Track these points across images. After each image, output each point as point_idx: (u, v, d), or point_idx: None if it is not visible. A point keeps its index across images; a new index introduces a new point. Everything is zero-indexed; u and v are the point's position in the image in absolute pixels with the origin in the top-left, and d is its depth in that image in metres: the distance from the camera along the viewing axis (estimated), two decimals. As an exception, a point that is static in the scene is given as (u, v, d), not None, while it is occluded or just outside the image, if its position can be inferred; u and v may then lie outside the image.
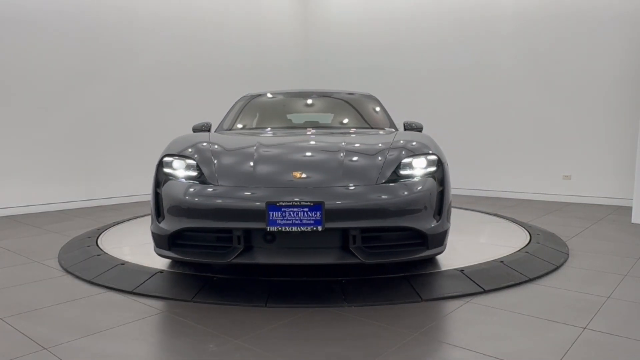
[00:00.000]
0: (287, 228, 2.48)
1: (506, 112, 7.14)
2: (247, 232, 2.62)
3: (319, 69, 9.11)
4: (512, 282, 2.88)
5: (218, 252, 2.65)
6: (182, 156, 2.95)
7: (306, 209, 2.48)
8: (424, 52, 7.87)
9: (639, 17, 6.06)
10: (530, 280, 2.96)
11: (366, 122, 4.13)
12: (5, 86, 5.52)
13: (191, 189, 2.72)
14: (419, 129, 4.03)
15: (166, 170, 2.91)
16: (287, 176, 2.71)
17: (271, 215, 2.49)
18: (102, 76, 6.37)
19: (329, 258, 2.58)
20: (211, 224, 2.62)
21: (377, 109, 4.32)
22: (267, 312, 2.47)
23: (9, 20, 5.49)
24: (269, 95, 4.62)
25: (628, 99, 6.18)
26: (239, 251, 2.58)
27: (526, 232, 4.18)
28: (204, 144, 3.10)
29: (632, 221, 5.08)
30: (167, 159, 2.96)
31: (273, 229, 2.49)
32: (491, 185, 7.28)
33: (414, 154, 2.88)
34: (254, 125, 4.17)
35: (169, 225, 2.71)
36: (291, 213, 2.48)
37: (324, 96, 4.52)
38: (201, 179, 2.79)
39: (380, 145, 3.02)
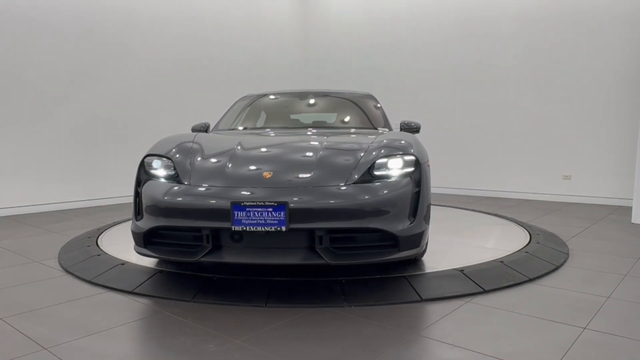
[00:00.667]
0: (251, 228, 2.51)
1: (506, 112, 7.14)
2: (216, 231, 2.65)
3: (319, 69, 9.11)
4: (512, 282, 2.88)
5: (188, 250, 2.69)
6: (161, 156, 3.02)
7: (270, 209, 2.50)
8: (424, 52, 7.87)
9: (639, 17, 6.06)
10: (530, 280, 2.96)
11: (360, 122, 4.12)
12: (5, 86, 5.52)
13: (163, 189, 2.79)
14: (416, 128, 4.01)
15: (147, 170, 2.99)
16: (257, 176, 2.74)
17: (236, 214, 2.51)
18: (102, 76, 6.37)
19: (294, 258, 2.57)
20: (180, 223, 2.67)
21: (373, 109, 4.28)
22: (267, 312, 2.47)
23: (9, 20, 5.49)
24: (266, 95, 4.63)
25: (628, 99, 6.18)
26: (207, 250, 2.62)
27: (526, 232, 4.18)
28: (186, 144, 3.15)
29: (632, 221, 5.08)
30: (147, 159, 3.04)
31: (238, 228, 2.52)
32: (491, 185, 7.28)
33: (391, 154, 2.83)
34: (247, 126, 4.20)
35: (145, 223, 2.79)
36: (255, 213, 2.50)
37: (322, 96, 4.52)
38: (177, 178, 2.85)
39: (359, 145, 3.00)
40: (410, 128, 4.00)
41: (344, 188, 2.63)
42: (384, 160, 2.79)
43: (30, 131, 5.72)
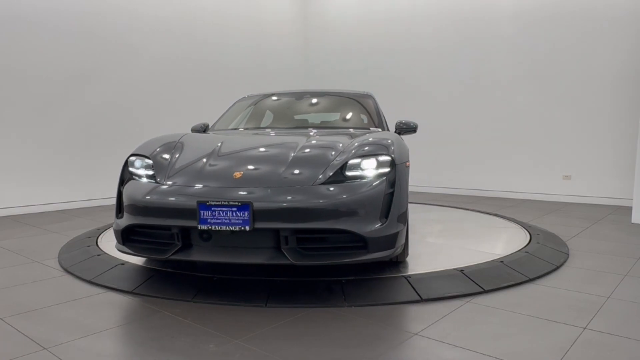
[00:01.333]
0: (216, 227, 2.53)
1: (506, 112, 7.14)
2: (186, 230, 2.68)
3: (319, 70, 9.11)
4: (512, 282, 2.88)
5: (161, 248, 2.74)
6: (143, 156, 3.08)
7: (234, 209, 2.52)
8: (424, 52, 7.87)
9: (638, 18, 6.06)
10: (530, 280, 2.96)
11: (353, 122, 4.11)
12: (5, 86, 5.52)
13: (139, 188, 2.86)
14: (413, 128, 3.98)
15: (130, 169, 3.06)
16: (228, 176, 2.76)
17: (202, 214, 2.55)
18: (102, 77, 6.37)
19: (260, 258, 2.58)
20: (152, 221, 2.73)
21: (368, 108, 4.24)
22: (267, 312, 2.47)
23: (8, 20, 5.49)
24: (264, 96, 4.67)
25: (628, 99, 6.18)
26: (177, 248, 2.67)
27: (526, 232, 4.18)
28: (169, 144, 3.22)
29: (632, 221, 5.08)
30: (131, 159, 3.11)
31: (204, 227, 2.55)
32: (491, 185, 7.28)
33: (365, 155, 2.80)
34: (241, 126, 4.24)
35: (123, 221, 2.87)
36: (220, 212, 2.53)
37: (319, 96, 4.51)
38: (155, 178, 2.92)
39: (336, 145, 2.99)
40: (407, 128, 3.96)
41: (311, 189, 2.63)
42: (356, 160, 2.77)
43: (30, 131, 5.72)
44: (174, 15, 7.13)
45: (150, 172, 2.96)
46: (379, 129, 3.87)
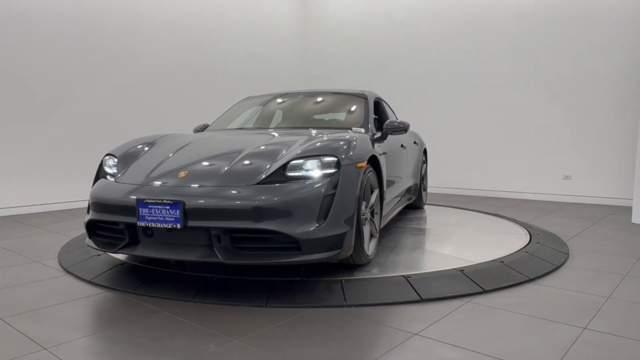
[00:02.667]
0: (152, 224, 2.63)
1: (506, 112, 7.14)
2: (133, 226, 2.76)
3: (319, 70, 9.11)
4: (512, 282, 2.88)
5: (114, 242, 2.88)
6: (113, 155, 3.28)
7: (167, 207, 2.59)
8: (424, 52, 7.87)
9: (639, 17, 6.06)
10: (530, 280, 2.96)
11: (335, 122, 4.08)
12: (5, 86, 5.52)
13: (98, 185, 3.06)
14: (402, 129, 3.84)
15: (104, 167, 3.25)
16: (173, 175, 2.86)
17: (140, 211, 2.65)
18: (102, 77, 6.37)
19: (193, 255, 2.61)
20: (104, 217, 2.89)
21: (356, 108, 4.15)
22: (267, 312, 2.47)
23: (8, 20, 5.49)
24: (262, 96, 4.73)
25: (628, 99, 6.18)
26: (125, 243, 2.79)
27: (526, 232, 4.18)
28: (140, 145, 3.40)
29: (632, 221, 5.08)
30: (105, 157, 3.31)
31: (142, 224, 2.65)
32: (491, 185, 7.29)
33: (309, 155, 2.77)
34: (233, 126, 4.30)
35: (87, 217, 3.06)
36: (156, 210, 2.62)
37: (311, 96, 4.49)
38: (115, 176, 3.10)
39: (290, 145, 2.99)
40: (395, 128, 3.83)
41: (244, 188, 2.63)
42: (299, 161, 2.74)
43: (30, 131, 5.72)
44: (174, 17, 7.13)
45: (115, 171, 3.14)
46: (362, 130, 3.73)
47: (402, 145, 4.34)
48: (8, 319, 2.38)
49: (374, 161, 3.20)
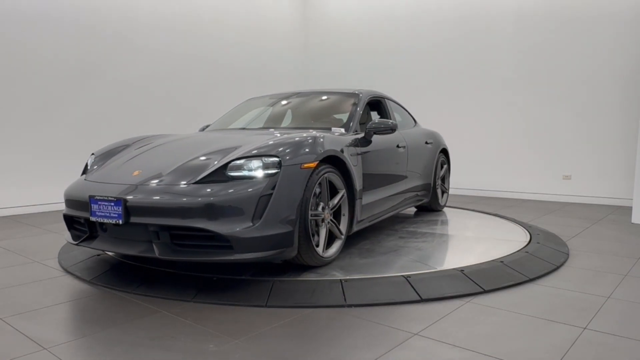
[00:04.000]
0: (101, 219, 2.78)
1: (506, 112, 7.14)
2: (91, 221, 2.90)
3: (319, 70, 9.11)
4: (512, 282, 2.88)
5: (78, 234, 3.09)
6: (93, 155, 3.54)
7: (112, 204, 2.74)
8: (423, 52, 7.87)
9: (639, 17, 6.06)
10: (530, 280, 2.96)
11: (318, 123, 4.05)
12: (5, 86, 5.52)
13: (72, 183, 3.28)
14: (385, 130, 3.71)
15: (87, 166, 3.47)
16: (128, 173, 3.00)
17: (92, 207, 2.82)
18: (102, 77, 6.37)
19: (134, 250, 2.73)
20: (70, 212, 3.09)
21: (342, 108, 4.13)
22: (267, 312, 2.47)
23: (8, 20, 5.49)
24: (261, 97, 4.75)
25: (628, 99, 6.18)
26: (85, 236, 2.99)
27: (526, 232, 4.18)
28: (121, 145, 3.61)
29: (632, 221, 5.08)
30: (90, 156, 3.55)
31: (94, 219, 2.82)
32: (491, 185, 7.28)
33: (251, 155, 2.79)
34: (226, 126, 4.34)
35: (63, 212, 3.24)
36: (103, 206, 2.78)
37: (305, 97, 4.47)
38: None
39: (242, 145, 3.02)
40: (380, 129, 3.71)
41: (181, 187, 2.69)
42: (240, 161, 2.76)
43: (30, 131, 5.72)
44: (173, 18, 7.13)
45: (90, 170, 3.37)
46: (342, 130, 3.68)
47: (398, 146, 4.21)
48: (8, 319, 2.38)
49: (337, 161, 3.16)
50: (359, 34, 8.57)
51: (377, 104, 4.44)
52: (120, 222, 2.68)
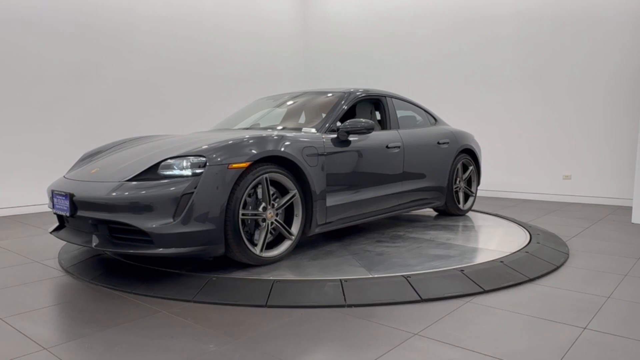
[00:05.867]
0: (58, 212, 3.12)
1: (506, 112, 7.14)
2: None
3: (320, 70, 9.11)
4: (512, 282, 2.88)
5: (56, 226, 3.34)
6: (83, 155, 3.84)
7: (63, 198, 3.02)
8: (424, 52, 7.87)
9: (639, 17, 6.06)
10: (530, 280, 2.96)
11: (300, 123, 4.06)
12: (5, 87, 5.52)
13: None
14: (358, 131, 3.61)
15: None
16: (88, 171, 3.26)
17: (53, 200, 3.14)
18: (102, 77, 6.37)
19: (79, 240, 2.99)
20: (48, 205, 3.32)
21: (323, 108, 4.09)
22: (267, 312, 2.47)
23: (7, 20, 5.49)
24: (267, 98, 4.75)
25: (628, 99, 6.18)
26: (55, 227, 3.31)
27: (526, 232, 4.18)
28: (113, 145, 3.84)
29: (632, 221, 5.08)
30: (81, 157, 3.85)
31: (54, 211, 3.20)
32: (491, 185, 7.28)
33: (181, 155, 2.90)
34: (224, 127, 4.38)
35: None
36: (58, 200, 3.08)
37: (299, 97, 4.46)
38: None
39: (183, 145, 3.12)
40: (353, 130, 3.62)
41: (114, 184, 2.88)
42: (171, 161, 2.88)
43: (30, 131, 5.72)
44: (173, 18, 7.12)
45: None
46: (313, 129, 3.64)
47: (388, 146, 4.03)
48: (8, 319, 2.38)
49: (288, 162, 3.16)
50: (359, 34, 8.56)
51: (376, 102, 4.41)
52: (68, 214, 2.96)
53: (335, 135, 3.63)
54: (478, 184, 5.30)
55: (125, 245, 2.79)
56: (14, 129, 5.60)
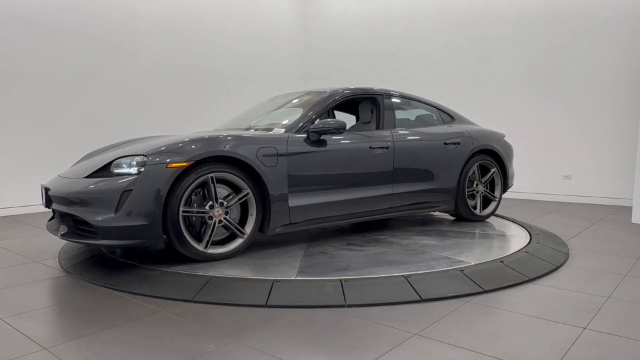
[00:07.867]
0: (43, 205, 3.39)
1: (506, 112, 7.14)
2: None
3: (320, 70, 9.11)
4: (512, 282, 2.88)
5: (49, 218, 3.60)
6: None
7: (43, 192, 3.34)
8: (424, 53, 7.87)
9: (639, 17, 6.06)
10: (530, 280, 2.96)
11: (287, 123, 3.94)
12: (6, 87, 5.52)
13: None
14: (327, 131, 3.57)
15: None
16: (74, 167, 3.51)
17: (42, 195, 3.38)
18: (102, 77, 6.37)
19: (53, 229, 3.30)
20: None
21: (302, 108, 4.01)
22: (267, 312, 2.47)
23: (8, 20, 5.49)
24: (272, 98, 4.75)
25: (628, 98, 6.18)
26: (50, 218, 3.56)
27: (526, 232, 4.18)
28: (111, 145, 4.07)
29: (632, 221, 5.08)
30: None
31: (41, 204, 3.48)
32: (491, 185, 7.28)
33: (128, 154, 3.12)
34: (227, 127, 4.37)
35: None
36: (42, 194, 3.37)
37: (294, 97, 4.39)
38: None
39: (154, 145, 3.23)
40: (323, 131, 3.55)
41: (73, 180, 3.16)
42: (121, 160, 3.09)
43: (30, 131, 5.72)
44: (172, 18, 7.12)
45: None
46: (282, 130, 3.61)
47: (372, 147, 3.88)
48: (8, 319, 2.38)
49: (241, 162, 3.19)
50: (359, 34, 8.55)
51: (374, 101, 4.31)
52: (45, 206, 3.33)
53: (304, 136, 3.56)
54: (504, 188, 4.88)
55: (86, 236, 3.02)
56: (14, 129, 5.60)
